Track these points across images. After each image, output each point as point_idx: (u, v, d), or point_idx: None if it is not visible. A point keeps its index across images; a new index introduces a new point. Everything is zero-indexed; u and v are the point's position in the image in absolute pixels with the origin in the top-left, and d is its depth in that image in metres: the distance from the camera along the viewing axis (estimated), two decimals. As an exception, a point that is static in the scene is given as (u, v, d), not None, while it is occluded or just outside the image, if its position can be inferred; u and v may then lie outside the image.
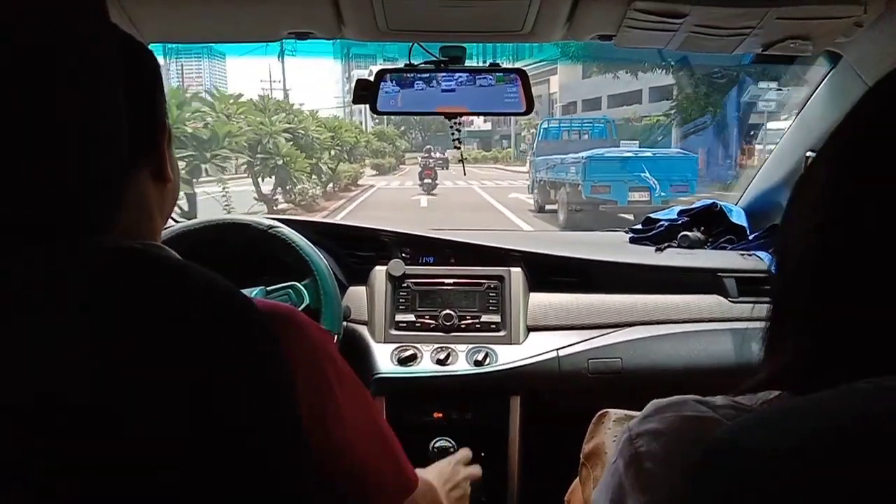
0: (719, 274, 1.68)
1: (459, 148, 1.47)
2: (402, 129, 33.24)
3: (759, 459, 0.35)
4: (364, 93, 1.27)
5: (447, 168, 22.42)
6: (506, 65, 1.27)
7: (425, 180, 16.72)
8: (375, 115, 1.46)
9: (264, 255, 1.51)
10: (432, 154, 18.09)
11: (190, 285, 0.54)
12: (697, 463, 0.39)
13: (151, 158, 0.66)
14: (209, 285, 0.55)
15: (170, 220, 1.53)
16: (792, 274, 0.51)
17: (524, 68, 1.28)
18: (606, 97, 29.85)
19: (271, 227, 1.48)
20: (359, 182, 18.71)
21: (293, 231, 1.48)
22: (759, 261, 1.72)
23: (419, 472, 0.82)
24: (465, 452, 1.20)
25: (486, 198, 16.06)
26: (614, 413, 1.05)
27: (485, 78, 1.27)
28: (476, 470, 1.15)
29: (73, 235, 0.52)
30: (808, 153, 1.41)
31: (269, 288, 1.44)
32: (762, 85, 12.90)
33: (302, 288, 1.44)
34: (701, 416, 0.48)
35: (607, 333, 1.61)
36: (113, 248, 0.54)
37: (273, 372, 0.56)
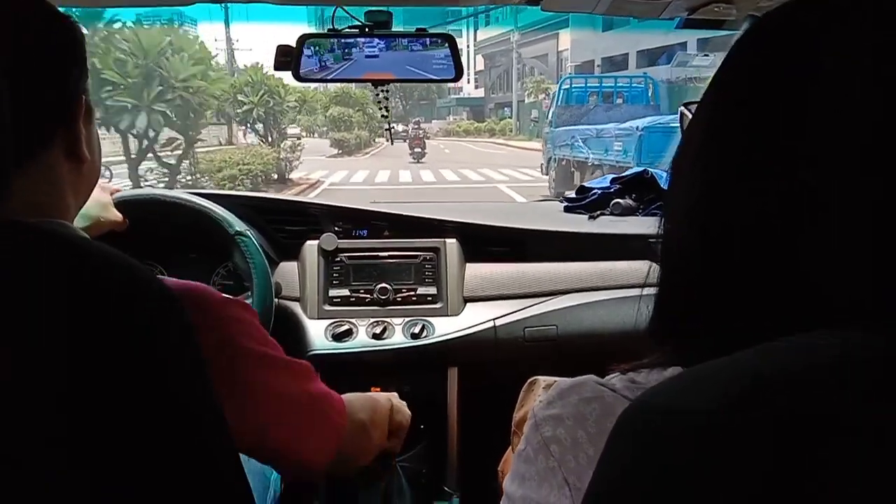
0: (651, 240, 1.70)
1: (387, 118, 1.43)
2: (380, 97, 31.52)
3: (675, 419, 0.34)
4: (286, 59, 1.21)
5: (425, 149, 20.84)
6: (433, 30, 1.23)
7: (415, 149, 19.56)
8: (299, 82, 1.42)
9: (210, 243, 1.47)
10: (421, 125, 21.66)
11: (89, 263, 0.50)
12: (612, 429, 0.38)
13: (64, 134, 0.61)
14: (111, 262, 0.51)
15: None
16: (679, 247, 0.51)
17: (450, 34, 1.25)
18: (636, 54, 24.09)
19: (238, 233, 1.44)
20: (292, 176, 15.74)
21: (256, 243, 1.44)
22: (689, 226, 1.75)
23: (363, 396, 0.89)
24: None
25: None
26: (544, 380, 1.06)
27: (414, 43, 1.23)
28: (405, 414, 1.13)
29: None
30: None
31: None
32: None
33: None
34: (601, 397, 0.49)
35: (543, 302, 1.61)
36: (8, 223, 0.50)
37: (183, 350, 0.53)
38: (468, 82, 43.91)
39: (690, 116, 0.54)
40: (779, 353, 0.35)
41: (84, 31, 0.64)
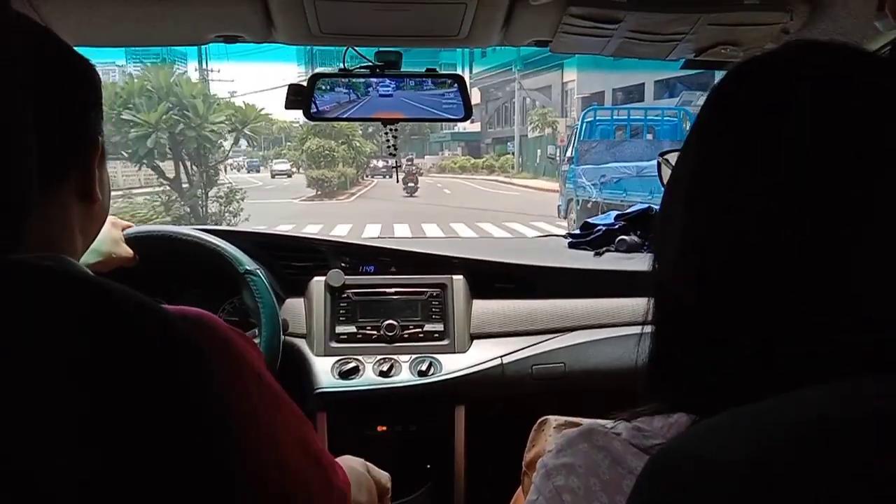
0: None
1: (395, 156, 1.45)
2: (370, 130, 25.88)
3: (711, 469, 0.34)
4: (297, 98, 1.23)
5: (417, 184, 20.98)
6: (442, 70, 1.25)
7: (408, 184, 20.29)
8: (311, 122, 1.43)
9: (218, 279, 1.48)
10: (414, 161, 22.56)
11: (106, 302, 0.49)
12: (642, 476, 0.38)
13: (78, 176, 0.62)
14: (125, 302, 0.50)
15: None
16: (674, 290, 0.52)
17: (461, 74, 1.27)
18: (653, 84, 22.63)
19: (248, 272, 1.45)
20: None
21: (265, 282, 1.45)
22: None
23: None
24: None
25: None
26: (554, 420, 1.05)
27: (424, 83, 1.25)
28: (384, 476, 1.10)
29: None
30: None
31: None
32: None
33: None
34: (610, 446, 0.49)
35: (550, 339, 1.61)
36: (15, 262, 0.49)
37: (201, 393, 0.52)
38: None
39: (668, 167, 0.56)
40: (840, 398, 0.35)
41: None
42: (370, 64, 1.24)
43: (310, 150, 21.75)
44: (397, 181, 21.50)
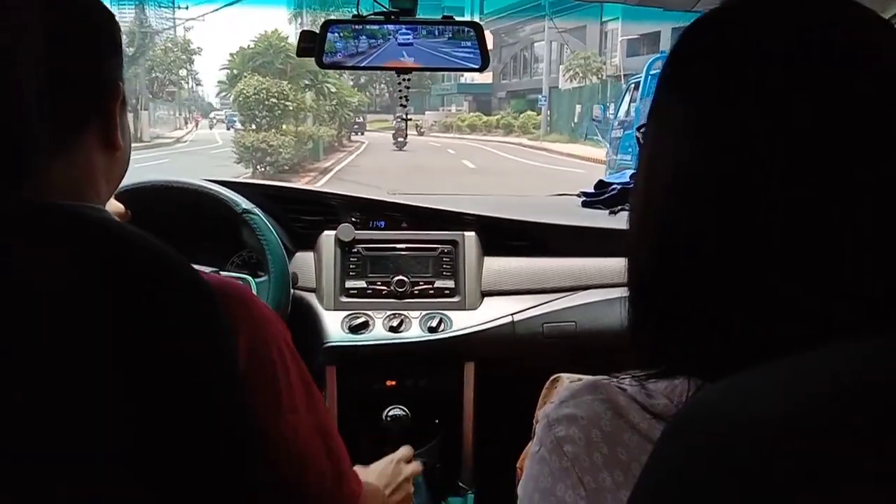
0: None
1: (406, 106, 1.41)
2: (363, 80, 23.47)
3: (742, 427, 0.32)
4: (308, 45, 1.19)
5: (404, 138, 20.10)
6: (459, 18, 1.21)
7: (398, 139, 20.00)
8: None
9: (222, 228, 1.46)
10: (404, 117, 20.27)
11: (131, 249, 0.50)
12: (665, 435, 0.36)
13: (100, 122, 0.62)
14: (154, 252, 0.51)
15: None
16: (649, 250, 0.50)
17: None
18: (670, 31, 17.77)
19: (245, 211, 1.42)
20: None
21: (266, 221, 1.43)
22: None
23: (360, 472, 0.80)
24: (405, 451, 1.15)
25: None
26: (567, 377, 1.05)
27: (443, 31, 1.21)
28: (416, 467, 1.13)
29: None
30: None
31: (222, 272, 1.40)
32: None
33: (254, 285, 1.42)
34: (615, 400, 0.49)
35: (561, 297, 1.59)
36: (43, 205, 0.51)
37: (220, 351, 0.53)
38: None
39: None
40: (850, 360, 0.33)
41: None
42: (384, 10, 1.20)
43: (243, 97, 13.68)
44: (405, 137, 21.10)
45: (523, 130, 25.41)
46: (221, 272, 1.40)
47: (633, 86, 10.86)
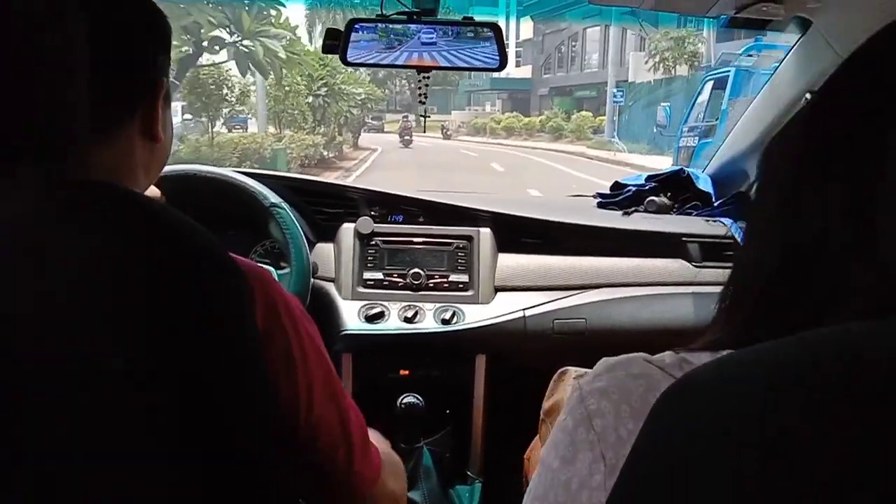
0: (684, 239, 1.71)
1: (424, 103, 1.45)
2: (381, 75, 22.44)
3: (721, 395, 0.34)
4: (333, 42, 1.24)
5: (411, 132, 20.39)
6: (479, 18, 1.24)
7: (405, 137, 21.13)
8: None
9: (249, 219, 1.51)
10: (410, 120, 21.62)
11: (164, 225, 0.53)
12: (658, 399, 0.38)
13: (143, 115, 0.65)
14: (193, 231, 0.54)
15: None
16: (757, 251, 0.51)
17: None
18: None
19: (273, 205, 1.48)
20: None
21: (292, 215, 1.48)
22: (723, 227, 1.74)
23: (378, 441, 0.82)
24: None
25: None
26: (574, 371, 1.07)
27: (468, 31, 1.25)
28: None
29: (32, 159, 0.51)
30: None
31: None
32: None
33: (276, 276, 1.46)
34: (649, 374, 0.49)
35: (573, 294, 1.62)
36: (83, 182, 0.54)
37: (243, 324, 0.56)
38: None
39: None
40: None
41: None
42: (407, 10, 1.24)
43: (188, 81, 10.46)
44: (424, 131, 21.36)
45: (578, 135, 20.05)
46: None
47: (710, 82, 9.07)
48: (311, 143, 12.23)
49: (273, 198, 1.48)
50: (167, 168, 1.44)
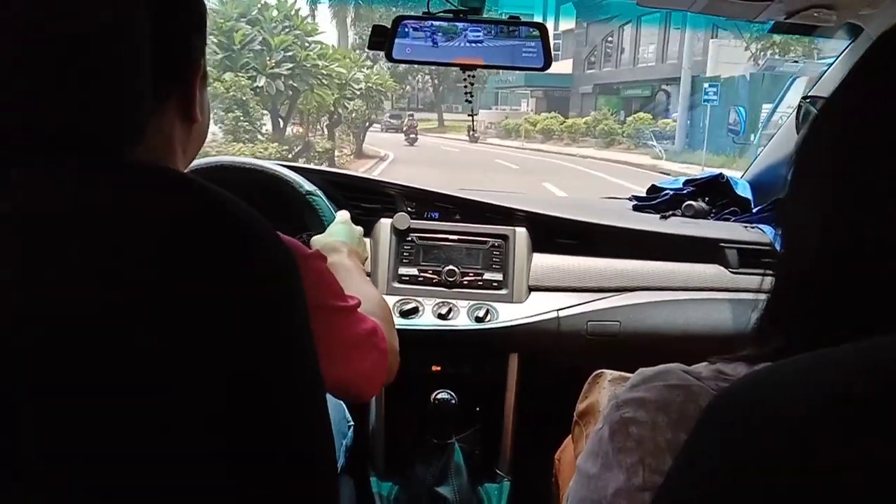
0: (721, 244, 1.69)
1: (471, 102, 1.45)
2: (401, 69, 20.12)
3: (774, 416, 0.33)
4: (380, 39, 1.25)
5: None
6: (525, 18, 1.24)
7: (410, 136, 21.48)
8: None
9: (285, 209, 1.53)
10: (413, 120, 22.30)
11: (226, 207, 0.54)
12: (701, 416, 0.38)
13: (181, 95, 0.66)
14: (245, 212, 0.55)
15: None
16: (796, 249, 0.50)
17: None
18: None
19: (309, 192, 1.51)
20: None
21: (328, 203, 1.52)
22: (762, 234, 1.72)
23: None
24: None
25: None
26: (610, 374, 1.07)
27: (513, 31, 1.25)
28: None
29: (100, 146, 0.52)
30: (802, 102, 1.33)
31: None
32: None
33: None
34: (687, 385, 0.49)
35: (607, 297, 1.62)
36: (141, 166, 0.54)
37: (294, 299, 0.57)
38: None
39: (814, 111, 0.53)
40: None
41: None
42: (453, 8, 1.25)
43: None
44: (472, 130, 20.94)
45: (632, 141, 16.88)
46: None
47: (796, 80, 8.50)
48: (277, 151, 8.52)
49: (307, 185, 1.51)
50: (198, 160, 1.48)
